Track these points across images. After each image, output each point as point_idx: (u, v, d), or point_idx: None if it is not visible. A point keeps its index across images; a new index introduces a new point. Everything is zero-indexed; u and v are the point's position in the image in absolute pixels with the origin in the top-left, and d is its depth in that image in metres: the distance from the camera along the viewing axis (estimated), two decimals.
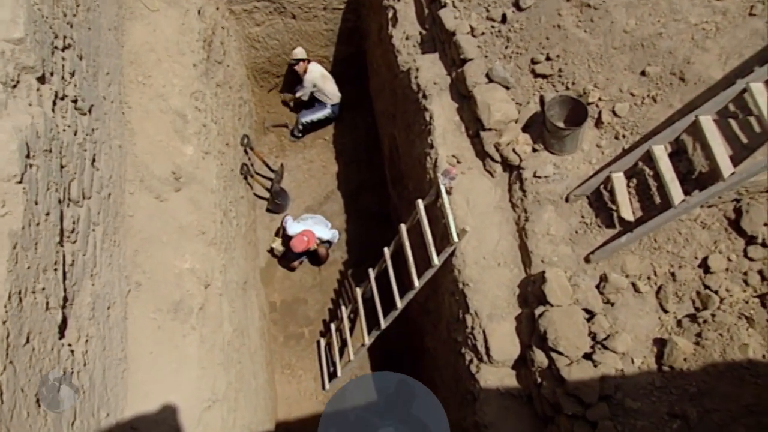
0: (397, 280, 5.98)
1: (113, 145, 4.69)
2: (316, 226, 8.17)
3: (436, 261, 5.28)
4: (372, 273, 6.62)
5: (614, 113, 5.02)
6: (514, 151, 5.23)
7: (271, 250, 8.44)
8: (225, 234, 6.03)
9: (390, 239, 6.35)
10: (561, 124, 5.01)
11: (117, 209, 4.61)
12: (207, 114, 6.09)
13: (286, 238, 8.21)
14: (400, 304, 5.86)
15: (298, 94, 9.17)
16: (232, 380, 5.24)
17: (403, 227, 5.96)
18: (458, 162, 5.51)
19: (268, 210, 8.89)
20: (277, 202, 8.76)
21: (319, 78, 8.88)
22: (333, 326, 7.75)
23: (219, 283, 5.37)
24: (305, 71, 8.82)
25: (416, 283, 5.58)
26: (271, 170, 8.86)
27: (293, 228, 8.11)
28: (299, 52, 8.74)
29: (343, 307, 7.46)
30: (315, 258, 8.44)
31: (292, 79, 9.29)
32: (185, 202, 5.30)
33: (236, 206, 6.99)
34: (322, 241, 8.28)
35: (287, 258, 8.43)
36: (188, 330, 4.75)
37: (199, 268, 5.07)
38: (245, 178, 8.05)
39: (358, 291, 6.99)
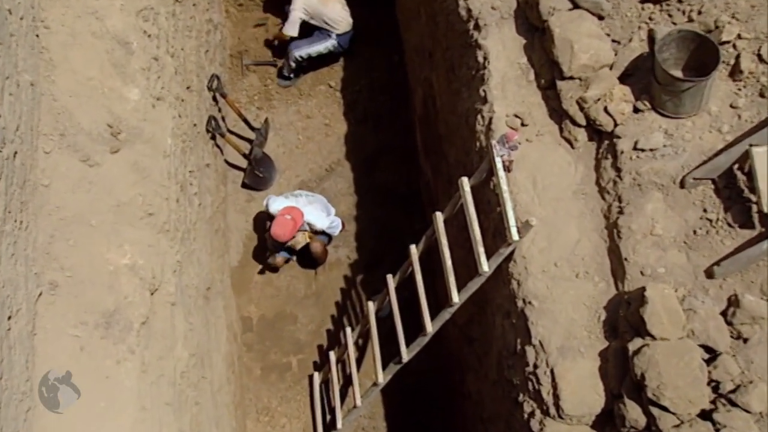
0: (428, 293, 6.00)
1: (21, 81, 4.61)
2: (309, 208, 8.21)
3: (486, 267, 5.30)
4: (391, 281, 6.61)
5: (760, 58, 4.97)
6: (606, 110, 5.21)
7: (266, 266, 8.61)
8: (182, 217, 6.05)
9: (419, 233, 6.37)
10: (679, 73, 4.97)
11: (25, 175, 4.57)
12: (160, 42, 6.08)
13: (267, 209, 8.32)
14: (430, 328, 5.87)
15: (285, 30, 9.18)
16: (186, 429, 5.23)
17: (439, 217, 5.95)
18: (523, 125, 5.53)
19: (244, 185, 8.92)
20: (257, 173, 8.81)
21: None
22: (333, 355, 7.77)
23: (171, 287, 5.40)
24: None
25: (455, 297, 5.59)
26: (251, 128, 8.90)
27: (276, 204, 8.17)
28: None
29: (348, 329, 7.48)
30: (308, 257, 8.47)
31: None
32: (126, 169, 5.30)
33: (199, 178, 7.03)
34: (316, 232, 8.29)
35: (266, 250, 8.54)
36: (125, 353, 4.73)
37: (144, 266, 5.08)
38: (213, 137, 8.09)
39: (371, 306, 6.98)
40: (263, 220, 8.50)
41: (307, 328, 8.41)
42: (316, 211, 8.25)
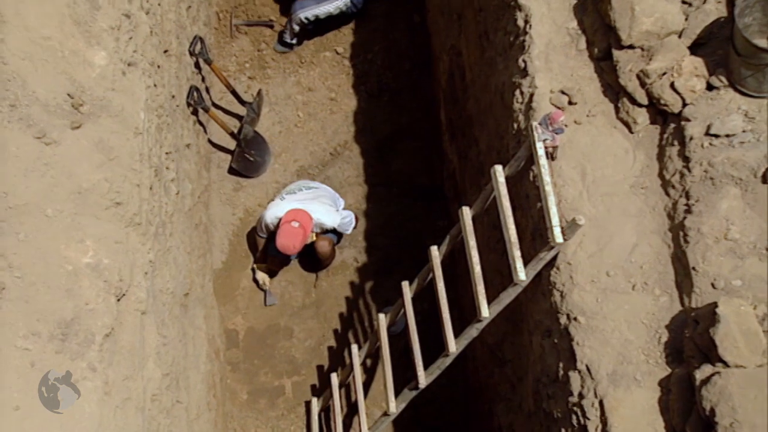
0: (451, 305, 6.00)
1: None
2: (315, 204, 8.20)
3: (523, 275, 5.31)
4: (407, 290, 6.61)
5: None
6: (672, 87, 5.19)
7: (255, 280, 8.68)
8: (156, 208, 6.05)
9: (441, 233, 6.38)
10: (764, 43, 4.92)
11: None
12: None
13: (266, 229, 8.31)
14: (453, 347, 5.88)
15: None
16: None
17: (467, 213, 5.95)
18: (571, 103, 5.53)
19: (232, 170, 8.99)
20: (248, 156, 8.85)
21: None
22: (335, 378, 7.74)
23: (142, 292, 5.39)
24: None
25: (484, 311, 5.59)
26: (241, 101, 8.95)
27: (276, 209, 8.13)
28: None
29: (354, 347, 7.46)
30: (310, 257, 8.48)
31: None
32: (89, 149, 5.27)
33: (178, 161, 7.04)
34: (324, 231, 8.31)
35: (266, 253, 8.57)
36: (84, 372, 4.71)
37: (109, 266, 5.06)
38: (195, 112, 8.13)
39: (382, 320, 6.98)
40: (249, 210, 8.58)
41: (304, 345, 8.42)
42: (323, 206, 8.22)
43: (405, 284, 6.66)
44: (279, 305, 8.58)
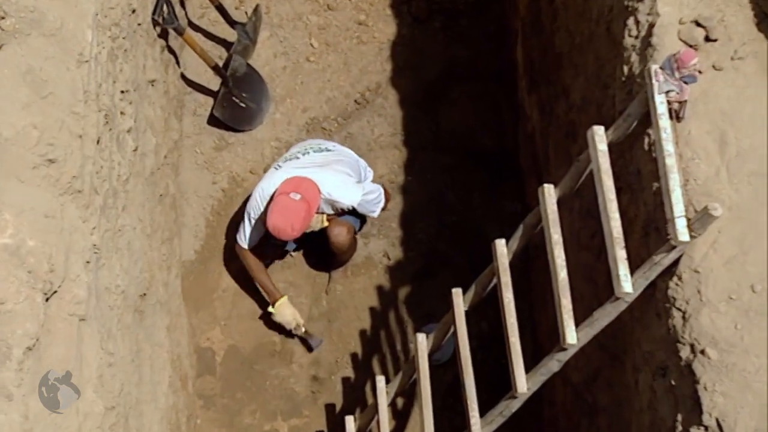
0: (522, 326, 6.04)
1: None
2: (327, 173, 8.11)
3: (628, 286, 5.30)
4: (460, 300, 6.59)
5: None
6: None
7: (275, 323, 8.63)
8: (105, 170, 6.05)
9: (510, 221, 6.56)
10: None
11: None
12: None
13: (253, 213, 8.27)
14: (524, 386, 5.88)
15: None
16: None
17: (550, 194, 5.94)
18: (708, 39, 5.53)
19: (214, 120, 9.05)
20: (237, 100, 8.91)
21: None
22: (351, 424, 7.72)
23: (81, 290, 5.36)
24: None
25: (571, 336, 5.60)
26: (231, 22, 9.01)
27: (269, 181, 8.10)
28: None
29: (380, 380, 7.42)
30: (321, 249, 8.49)
31: None
32: (11, 82, 5.23)
33: (137, 104, 7.05)
34: (340, 212, 8.28)
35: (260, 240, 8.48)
36: None
37: (35, 250, 5.03)
38: (164, 34, 8.19)
39: (421, 342, 6.94)
40: (235, 178, 8.66)
41: (308, 374, 8.42)
42: (338, 175, 8.15)
43: (457, 293, 6.62)
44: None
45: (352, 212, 8.30)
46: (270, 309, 8.40)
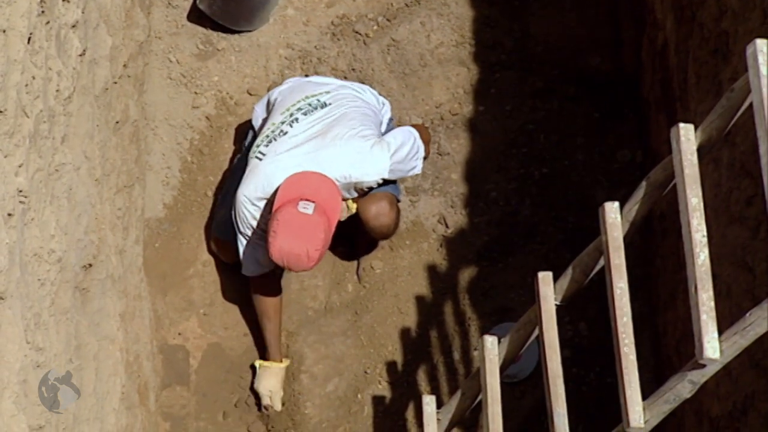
0: (638, 329, 5.52)
1: None
2: (336, 149, 7.29)
3: None
4: (550, 289, 6.10)
5: None
6: None
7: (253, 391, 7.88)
8: (37, 82, 5.58)
9: (626, 175, 6.91)
10: None
11: None
12: None
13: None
14: (640, 418, 5.44)
15: None
16: None
17: (688, 137, 5.50)
18: None
19: (196, 9, 8.26)
20: None
21: None
22: None
23: (1, 257, 5.11)
24: None
25: (711, 349, 5.16)
26: None
27: (262, 176, 7.38)
28: None
29: (429, 400, 6.84)
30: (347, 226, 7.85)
31: None
32: None
33: None
34: (364, 192, 7.50)
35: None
36: None
37: None
38: None
39: (490, 349, 6.39)
40: (224, 101, 7.84)
41: (324, 389, 7.51)
42: (349, 144, 7.25)
43: (545, 279, 5.98)
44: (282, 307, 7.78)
45: (390, 184, 7.55)
46: (257, 363, 7.76)
